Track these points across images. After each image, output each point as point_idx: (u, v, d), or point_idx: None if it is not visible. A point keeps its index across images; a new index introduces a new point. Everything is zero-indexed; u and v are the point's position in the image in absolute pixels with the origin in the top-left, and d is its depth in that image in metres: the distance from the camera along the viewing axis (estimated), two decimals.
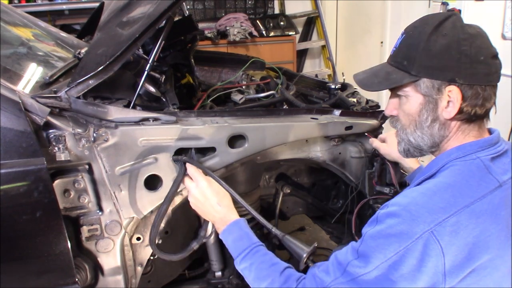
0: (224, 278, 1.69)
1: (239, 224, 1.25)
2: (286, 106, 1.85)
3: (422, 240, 0.90)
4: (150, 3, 1.52)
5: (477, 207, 0.93)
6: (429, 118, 1.04)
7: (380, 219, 0.98)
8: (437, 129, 1.05)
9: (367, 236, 0.98)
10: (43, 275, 1.20)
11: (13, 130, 1.13)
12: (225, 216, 1.27)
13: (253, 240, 1.22)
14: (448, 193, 0.94)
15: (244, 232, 1.24)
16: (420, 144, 1.09)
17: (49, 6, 3.81)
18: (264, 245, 1.21)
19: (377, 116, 1.73)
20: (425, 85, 1.02)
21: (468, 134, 1.04)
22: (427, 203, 0.93)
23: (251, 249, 1.19)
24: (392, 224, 0.94)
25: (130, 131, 1.32)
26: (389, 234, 0.93)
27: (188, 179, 1.33)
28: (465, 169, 0.99)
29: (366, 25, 4.62)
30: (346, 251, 1.02)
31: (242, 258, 1.18)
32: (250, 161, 1.54)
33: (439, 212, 0.91)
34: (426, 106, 1.04)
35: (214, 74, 2.34)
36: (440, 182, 0.98)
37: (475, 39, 0.98)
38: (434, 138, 1.06)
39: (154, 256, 1.51)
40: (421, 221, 0.91)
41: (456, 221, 0.91)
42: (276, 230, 1.27)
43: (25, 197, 1.13)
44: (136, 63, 1.76)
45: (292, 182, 2.02)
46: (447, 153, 1.04)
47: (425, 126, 1.06)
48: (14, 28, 1.78)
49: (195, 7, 4.50)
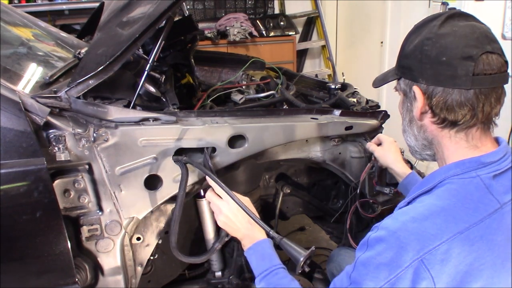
0: (224, 278, 1.69)
1: (264, 244, 1.25)
2: (286, 106, 1.85)
3: (412, 269, 0.86)
4: (150, 3, 1.52)
5: (472, 233, 0.88)
6: (407, 117, 1.06)
7: (370, 243, 0.94)
8: (417, 131, 1.04)
9: (358, 262, 0.96)
10: (43, 275, 1.20)
11: (13, 130, 1.13)
12: (253, 234, 1.27)
13: (274, 262, 1.21)
14: (440, 218, 0.89)
15: (267, 252, 1.24)
16: (411, 145, 1.09)
17: (49, 6, 3.81)
18: (285, 268, 1.21)
19: (377, 116, 1.73)
20: (403, 84, 1.04)
21: (459, 143, 0.99)
22: (417, 230, 0.88)
23: (271, 270, 1.18)
24: (380, 251, 0.91)
25: (130, 131, 1.32)
26: (379, 263, 0.90)
27: (214, 195, 1.32)
28: (463, 190, 0.93)
29: (366, 25, 4.62)
30: (342, 277, 1.00)
31: (262, 277, 1.18)
32: (250, 161, 1.54)
33: (429, 240, 0.87)
34: (404, 106, 1.06)
35: (214, 74, 2.34)
36: (433, 205, 0.92)
37: (441, 39, 0.94)
38: (417, 139, 1.05)
39: (154, 256, 1.51)
40: (410, 249, 0.87)
41: (447, 248, 0.86)
42: (274, 233, 1.27)
43: (25, 197, 1.12)
44: (136, 63, 1.76)
45: (292, 182, 2.02)
46: (445, 168, 0.99)
47: (407, 126, 1.07)
48: (14, 28, 1.78)
49: (195, 7, 4.50)
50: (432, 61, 0.94)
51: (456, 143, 0.99)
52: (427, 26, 0.98)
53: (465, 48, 0.91)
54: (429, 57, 0.94)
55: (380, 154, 1.60)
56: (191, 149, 1.40)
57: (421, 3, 3.70)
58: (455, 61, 0.92)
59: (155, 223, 1.43)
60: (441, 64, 0.93)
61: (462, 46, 0.92)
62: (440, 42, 0.94)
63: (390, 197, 1.74)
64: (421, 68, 0.96)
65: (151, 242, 1.44)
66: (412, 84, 0.99)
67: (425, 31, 0.97)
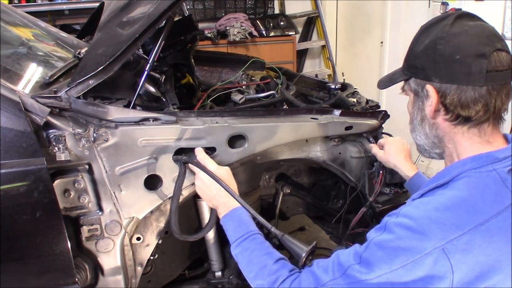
0: (224, 278, 1.69)
1: (240, 211, 1.26)
2: (286, 106, 1.85)
3: (432, 257, 0.88)
4: (150, 3, 1.52)
5: (492, 225, 0.90)
6: (418, 116, 1.06)
7: (389, 227, 0.95)
8: (428, 129, 1.05)
9: (372, 243, 0.96)
10: (43, 275, 1.20)
11: (13, 130, 1.13)
12: (228, 201, 1.27)
13: (251, 227, 1.22)
14: (462, 209, 0.91)
15: (244, 219, 1.24)
16: (420, 143, 1.10)
17: (49, 6, 3.81)
18: (262, 234, 1.22)
19: (377, 116, 1.73)
20: (414, 84, 1.05)
21: (471, 139, 1.00)
22: (439, 219, 0.90)
23: (249, 235, 1.19)
24: (401, 236, 0.91)
25: (130, 131, 1.32)
26: (397, 246, 0.91)
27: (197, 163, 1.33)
28: (481, 182, 0.94)
29: (366, 25, 4.62)
30: (348, 253, 1.00)
31: (238, 243, 1.19)
32: (250, 161, 1.54)
33: (452, 229, 0.88)
34: (415, 105, 1.06)
35: (214, 74, 2.34)
36: (454, 196, 0.94)
37: (454, 38, 0.96)
38: (428, 137, 1.06)
39: (154, 256, 1.51)
40: (432, 237, 0.88)
41: (469, 239, 0.88)
42: (275, 230, 1.27)
43: (25, 197, 1.13)
44: (136, 63, 1.76)
45: (292, 182, 2.02)
46: (462, 162, 1.00)
47: (417, 125, 1.08)
48: (14, 28, 1.78)
49: (195, 7, 4.50)
50: (446, 59, 0.95)
51: (470, 139, 1.00)
52: (437, 26, 1.00)
53: (478, 46, 0.94)
54: (443, 55, 0.96)
55: (382, 158, 1.60)
56: (191, 149, 1.40)
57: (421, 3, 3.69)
58: (469, 58, 0.94)
59: (155, 223, 1.43)
60: (455, 62, 0.95)
61: (475, 44, 0.94)
62: (453, 40, 0.95)
63: (390, 197, 1.74)
64: (434, 67, 0.97)
65: (151, 242, 1.44)
66: (424, 83, 1.01)
67: (436, 31, 0.99)
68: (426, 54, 0.99)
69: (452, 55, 0.95)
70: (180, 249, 1.77)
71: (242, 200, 1.27)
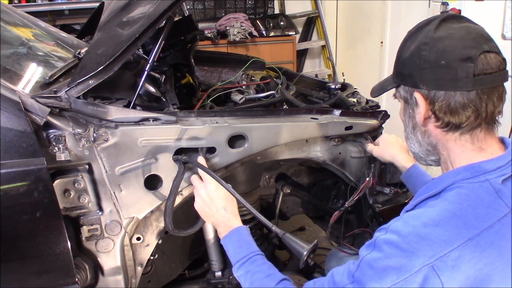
0: (224, 278, 1.69)
1: (240, 231, 1.24)
2: (286, 106, 1.85)
3: (422, 274, 0.86)
4: (150, 3, 1.52)
5: (483, 239, 0.88)
6: (410, 124, 1.05)
7: (378, 245, 0.93)
8: (420, 136, 1.03)
9: (363, 262, 0.95)
10: (43, 275, 1.20)
11: (13, 130, 1.13)
12: (229, 221, 1.25)
13: (252, 248, 1.20)
14: (452, 224, 0.88)
15: (244, 239, 1.23)
16: (415, 151, 1.08)
17: (49, 6, 3.81)
18: (263, 255, 1.20)
19: (377, 116, 1.73)
20: (403, 91, 1.03)
21: (464, 146, 0.98)
22: (428, 235, 0.88)
23: (249, 257, 1.17)
24: (390, 254, 0.90)
25: (130, 131, 1.32)
26: (387, 265, 0.90)
27: (196, 179, 1.32)
28: (473, 194, 0.92)
29: (366, 25, 4.62)
30: (343, 272, 0.99)
31: (240, 265, 1.17)
32: (250, 161, 1.54)
33: (441, 246, 0.87)
34: (406, 113, 1.05)
35: (214, 74, 2.34)
36: (444, 210, 0.91)
37: (438, 43, 0.94)
38: (422, 145, 1.04)
39: (154, 256, 1.51)
40: (421, 255, 0.87)
41: (459, 255, 0.86)
42: (277, 229, 1.27)
43: (25, 197, 1.13)
44: (136, 63, 1.76)
45: (292, 182, 2.02)
46: (454, 172, 0.98)
47: (409, 133, 1.06)
48: (14, 28, 1.78)
49: (195, 7, 4.50)
50: (432, 65, 0.94)
51: (462, 146, 0.98)
52: (422, 31, 0.98)
53: (463, 50, 0.91)
54: (428, 61, 0.94)
55: (378, 153, 1.61)
56: (191, 149, 1.40)
57: (421, 3, 3.70)
58: (454, 63, 0.91)
59: (155, 223, 1.43)
60: (440, 67, 0.93)
61: (460, 48, 0.92)
62: (437, 46, 0.93)
63: (390, 197, 1.74)
64: (420, 74, 0.96)
65: (151, 242, 1.44)
66: (412, 90, 0.99)
67: (421, 36, 0.97)
68: (412, 60, 0.98)
69: (437, 60, 0.93)
70: (180, 249, 1.77)
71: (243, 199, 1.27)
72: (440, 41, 0.94)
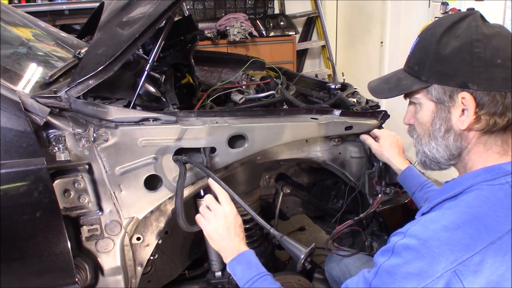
0: (224, 278, 1.69)
1: (249, 254, 1.22)
2: (286, 106, 1.85)
3: (444, 279, 0.84)
4: (150, 3, 1.52)
5: (504, 243, 0.85)
6: (442, 127, 0.97)
7: (397, 251, 0.89)
8: (453, 140, 0.97)
9: (382, 269, 0.91)
10: (43, 275, 1.20)
11: (13, 130, 1.13)
12: (238, 246, 1.23)
13: (261, 269, 1.19)
14: (472, 227, 0.85)
15: (253, 261, 1.21)
16: (436, 156, 1.01)
17: (49, 6, 3.81)
18: (271, 275, 1.18)
19: (377, 116, 1.73)
20: (436, 92, 0.95)
21: (491, 148, 0.95)
22: (449, 239, 0.85)
23: (259, 277, 1.16)
24: (410, 260, 0.86)
25: (130, 131, 1.32)
26: (407, 272, 0.86)
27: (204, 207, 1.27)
28: (493, 197, 0.89)
29: (366, 25, 4.62)
30: (357, 281, 0.95)
31: (250, 284, 1.16)
32: (250, 161, 1.54)
33: (463, 250, 0.84)
34: (439, 115, 0.97)
35: (214, 74, 2.34)
36: (464, 212, 0.88)
37: (491, 40, 0.89)
38: (450, 150, 0.98)
39: (154, 256, 1.51)
40: (443, 260, 0.84)
41: (481, 259, 0.84)
42: (274, 231, 1.27)
43: (25, 197, 1.12)
44: (136, 63, 1.76)
45: (292, 182, 2.02)
46: (473, 174, 0.94)
47: (438, 137, 0.98)
48: (14, 28, 1.78)
49: (195, 7, 4.50)
50: (486, 63, 0.88)
51: (489, 149, 0.95)
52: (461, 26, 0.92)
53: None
54: (483, 59, 0.88)
55: (376, 150, 1.61)
56: (191, 149, 1.40)
57: (421, 3, 3.69)
58: (508, 62, 0.88)
59: (155, 223, 1.43)
60: (496, 66, 0.88)
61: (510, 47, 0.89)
62: (492, 43, 0.89)
63: (390, 197, 1.74)
64: (472, 73, 0.89)
65: (151, 242, 1.44)
66: (456, 90, 0.92)
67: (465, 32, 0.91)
68: (459, 57, 0.90)
69: (493, 59, 0.88)
70: (180, 249, 1.77)
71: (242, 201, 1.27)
72: (492, 38, 0.89)
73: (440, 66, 0.94)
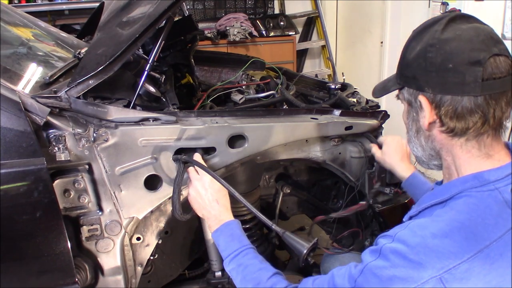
0: (224, 278, 1.69)
1: (232, 225, 1.24)
2: (286, 106, 1.85)
3: (429, 285, 0.84)
4: (150, 3, 1.52)
5: (492, 251, 0.85)
6: (413, 128, 1.02)
7: (384, 253, 0.90)
8: (424, 141, 1.00)
9: (367, 268, 0.92)
10: (43, 275, 1.20)
11: (13, 130, 1.13)
12: (220, 214, 1.26)
13: (244, 242, 1.19)
14: (461, 235, 0.85)
15: (236, 233, 1.22)
16: (418, 155, 1.05)
17: (49, 6, 3.81)
18: (255, 249, 1.19)
19: (377, 116, 1.73)
20: (407, 94, 0.99)
21: (470, 152, 0.94)
22: (437, 247, 0.85)
23: (241, 250, 1.16)
24: (397, 264, 0.87)
25: (130, 131, 1.32)
26: (393, 275, 0.87)
27: (193, 170, 1.33)
28: (482, 204, 0.89)
29: (366, 25, 4.62)
30: (344, 275, 0.97)
31: (231, 259, 1.17)
32: (250, 161, 1.54)
33: (450, 258, 0.84)
34: (410, 115, 1.01)
35: (214, 74, 2.34)
36: (453, 220, 0.88)
37: (445, 45, 0.89)
38: (425, 150, 1.01)
39: (154, 256, 1.51)
40: (430, 267, 0.84)
41: (468, 268, 0.84)
42: (276, 227, 1.27)
43: (25, 197, 1.12)
44: (136, 63, 1.76)
45: (292, 182, 2.02)
46: (462, 180, 0.94)
47: (413, 136, 1.02)
48: (14, 28, 1.78)
49: (195, 7, 4.50)
50: (438, 68, 0.90)
51: (468, 152, 0.95)
52: (428, 31, 0.94)
53: (471, 53, 0.87)
54: (435, 64, 0.90)
55: (380, 159, 1.60)
56: (191, 149, 1.40)
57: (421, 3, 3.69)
58: (462, 67, 0.87)
59: (155, 223, 1.43)
60: (447, 71, 0.89)
61: (468, 50, 0.88)
62: (444, 48, 0.89)
63: (390, 197, 1.74)
64: (426, 77, 0.92)
65: (151, 242, 1.44)
66: (417, 93, 0.95)
67: (427, 37, 0.93)
68: (417, 62, 0.93)
69: (444, 63, 0.89)
70: (180, 249, 1.77)
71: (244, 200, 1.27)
72: (447, 43, 0.89)
73: (406, 70, 0.98)
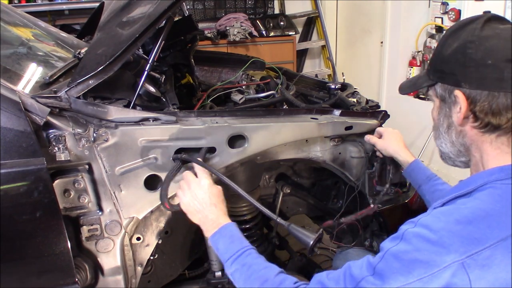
0: (224, 278, 1.69)
1: (231, 227, 1.21)
2: (286, 106, 1.85)
3: (451, 270, 0.85)
4: (150, 3, 1.52)
5: None
6: (444, 123, 1.03)
7: (407, 237, 0.91)
8: (455, 136, 1.02)
9: (389, 253, 0.92)
10: (43, 275, 1.20)
11: (13, 130, 1.13)
12: (218, 218, 1.22)
13: (245, 243, 1.17)
14: (485, 222, 0.87)
15: (236, 235, 1.19)
16: (445, 151, 1.06)
17: (49, 6, 3.81)
18: (255, 249, 1.17)
19: (377, 116, 1.73)
20: (440, 89, 1.01)
21: (500, 148, 0.96)
22: (461, 232, 0.86)
23: (243, 251, 1.14)
24: (420, 248, 0.88)
25: (130, 131, 1.32)
26: (415, 258, 0.87)
27: (191, 174, 1.29)
28: (506, 195, 0.90)
29: (366, 25, 4.62)
30: (361, 265, 0.96)
31: (233, 260, 1.13)
32: (250, 161, 1.54)
33: (473, 244, 0.85)
34: (442, 111, 1.03)
35: (214, 74, 2.35)
36: (477, 208, 0.89)
37: (485, 41, 0.92)
38: (455, 146, 1.03)
39: (154, 256, 1.51)
40: (453, 251, 0.85)
41: (490, 255, 0.85)
42: (281, 220, 1.27)
43: (25, 197, 1.13)
44: (136, 63, 1.76)
45: (292, 182, 2.02)
46: (488, 172, 0.96)
47: (443, 132, 1.04)
48: (14, 28, 1.78)
49: (195, 7, 4.50)
50: (477, 64, 0.92)
51: (497, 148, 0.97)
52: (465, 29, 0.97)
53: (510, 50, 0.90)
54: (474, 60, 0.92)
55: (382, 146, 1.61)
56: (191, 149, 1.40)
57: (421, 3, 3.70)
58: (501, 63, 0.90)
59: (155, 223, 1.43)
60: (487, 67, 0.91)
61: (508, 48, 0.91)
62: (484, 44, 0.92)
63: (390, 197, 1.74)
64: (464, 72, 0.94)
65: (151, 242, 1.44)
66: (453, 88, 0.97)
67: (465, 34, 0.96)
68: (455, 58, 0.96)
69: (484, 59, 0.91)
70: (180, 249, 1.77)
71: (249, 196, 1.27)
72: (487, 40, 0.92)
73: (441, 66, 1.00)
